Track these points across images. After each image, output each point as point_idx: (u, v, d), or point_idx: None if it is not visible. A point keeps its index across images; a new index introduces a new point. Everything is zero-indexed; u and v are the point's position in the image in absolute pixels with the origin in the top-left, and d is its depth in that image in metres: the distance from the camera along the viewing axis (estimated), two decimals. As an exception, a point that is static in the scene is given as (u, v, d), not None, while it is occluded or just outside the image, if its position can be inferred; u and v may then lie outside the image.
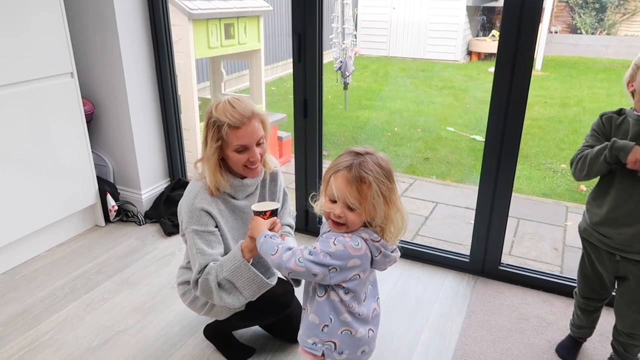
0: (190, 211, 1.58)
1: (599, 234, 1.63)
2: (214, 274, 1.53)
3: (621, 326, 1.70)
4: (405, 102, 6.89)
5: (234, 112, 1.51)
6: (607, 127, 1.56)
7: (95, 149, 2.95)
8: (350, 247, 1.24)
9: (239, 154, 1.55)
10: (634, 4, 10.94)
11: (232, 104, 1.52)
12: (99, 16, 2.62)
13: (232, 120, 1.50)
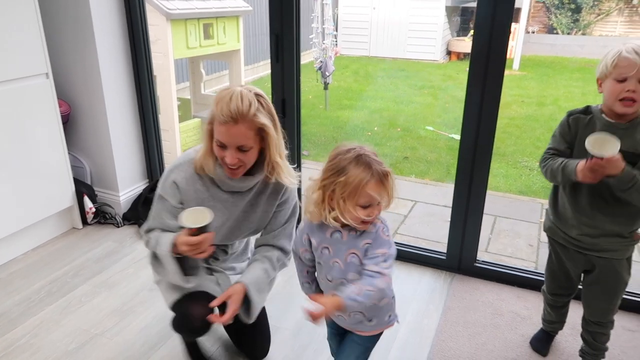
0: (165, 179, 1.61)
1: (562, 232, 1.67)
2: (153, 243, 1.58)
3: (590, 316, 1.75)
4: (385, 102, 6.95)
5: (225, 108, 1.43)
6: (573, 130, 1.56)
7: (71, 150, 2.92)
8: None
9: (219, 148, 1.50)
10: (608, 4, 11.20)
11: (232, 98, 1.43)
12: (75, 16, 2.59)
13: (219, 115, 1.44)
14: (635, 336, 2.03)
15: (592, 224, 1.57)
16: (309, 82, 7.45)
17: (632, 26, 11.20)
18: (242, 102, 1.43)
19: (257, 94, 1.48)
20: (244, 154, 1.49)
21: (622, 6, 11.11)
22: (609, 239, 1.59)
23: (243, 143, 1.46)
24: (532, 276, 2.35)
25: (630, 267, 1.66)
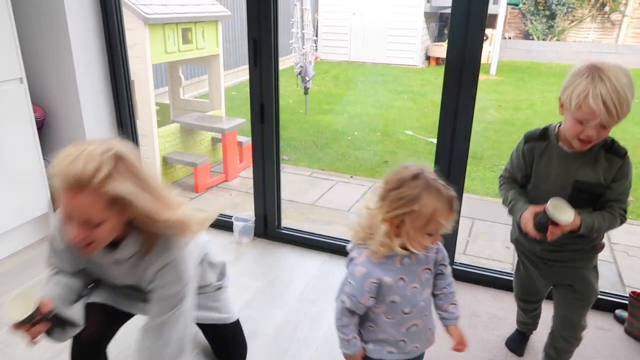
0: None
1: (528, 244, 1.65)
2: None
3: (561, 329, 1.73)
4: (365, 106, 7.00)
5: (64, 171, 1.13)
6: (529, 160, 1.52)
7: (47, 156, 2.87)
8: None
9: (65, 217, 1.23)
10: (581, 11, 11.48)
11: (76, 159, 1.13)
12: (50, 20, 2.56)
13: (58, 178, 1.14)
14: (607, 335, 2.09)
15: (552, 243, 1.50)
16: (290, 86, 7.47)
17: (605, 32, 11.51)
18: (86, 167, 1.11)
19: (117, 154, 1.18)
20: (94, 230, 1.19)
21: (595, 13, 11.41)
22: (572, 253, 1.57)
23: (88, 216, 1.16)
24: (509, 278, 2.38)
25: (598, 276, 1.64)
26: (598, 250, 1.60)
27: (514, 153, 1.57)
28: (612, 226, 1.45)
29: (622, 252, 3.00)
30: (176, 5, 3.58)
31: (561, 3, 11.24)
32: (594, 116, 1.30)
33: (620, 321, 2.14)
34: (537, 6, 11.46)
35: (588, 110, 1.29)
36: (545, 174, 1.49)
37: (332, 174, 4.40)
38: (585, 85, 1.29)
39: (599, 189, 1.44)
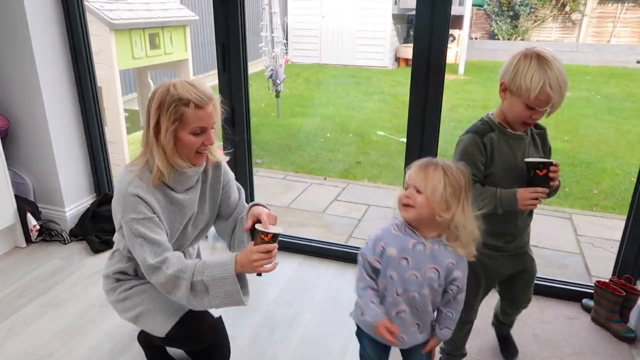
0: (125, 199, 1.47)
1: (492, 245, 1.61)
2: (190, 274, 1.44)
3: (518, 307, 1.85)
4: (337, 108, 7.04)
5: (198, 90, 1.44)
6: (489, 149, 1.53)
7: (12, 166, 2.80)
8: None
9: (195, 136, 1.47)
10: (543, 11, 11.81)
11: (192, 83, 1.46)
12: (10, 28, 2.50)
13: (197, 99, 1.43)
14: (574, 323, 2.15)
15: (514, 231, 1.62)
16: (261, 90, 7.45)
17: (566, 32, 11.86)
18: (200, 83, 1.48)
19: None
20: (213, 133, 1.52)
21: (556, 13, 11.75)
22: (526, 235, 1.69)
23: (215, 120, 1.51)
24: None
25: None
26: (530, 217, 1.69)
27: (470, 150, 1.52)
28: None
29: (588, 243, 3.11)
30: (142, 10, 3.53)
31: (524, 4, 11.53)
32: (548, 102, 1.40)
33: (587, 310, 2.22)
34: (501, 7, 11.74)
35: (545, 98, 1.39)
36: (510, 159, 1.53)
37: (306, 176, 4.41)
38: (539, 74, 1.38)
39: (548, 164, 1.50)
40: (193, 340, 1.67)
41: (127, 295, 1.66)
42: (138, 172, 1.52)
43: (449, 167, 1.30)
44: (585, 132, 5.84)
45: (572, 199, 3.94)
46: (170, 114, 1.43)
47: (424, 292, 1.35)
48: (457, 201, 1.29)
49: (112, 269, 1.70)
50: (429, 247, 1.32)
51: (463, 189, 1.30)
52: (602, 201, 3.93)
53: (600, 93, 7.86)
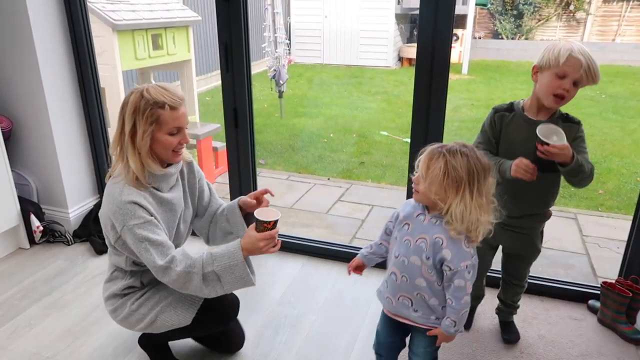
0: (121, 208, 1.51)
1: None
2: (199, 267, 1.53)
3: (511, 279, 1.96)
4: (340, 108, 7.03)
5: (170, 94, 1.52)
6: (498, 127, 1.69)
7: (15, 167, 2.80)
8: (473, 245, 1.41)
9: (172, 136, 1.55)
10: (547, 10, 11.76)
11: (164, 87, 1.53)
12: (13, 29, 2.50)
13: (171, 101, 1.51)
14: (580, 324, 2.14)
15: (514, 208, 1.67)
16: (264, 90, 7.45)
17: (570, 30, 11.82)
18: (170, 86, 1.57)
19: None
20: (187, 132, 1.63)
21: (560, 12, 11.70)
22: (530, 218, 1.76)
23: (187, 120, 1.61)
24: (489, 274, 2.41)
25: (542, 237, 1.86)
26: (547, 217, 1.80)
27: (485, 123, 1.73)
28: (587, 173, 1.56)
29: (594, 244, 3.08)
30: (145, 11, 3.53)
31: (528, 3, 11.49)
32: (577, 68, 1.48)
33: (594, 311, 2.20)
34: (505, 6, 11.70)
35: (573, 62, 1.48)
36: (512, 139, 1.65)
37: (309, 176, 4.40)
38: (566, 46, 1.51)
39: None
40: (219, 319, 1.78)
41: (140, 303, 1.70)
42: (124, 180, 1.56)
43: (453, 157, 1.33)
44: (590, 131, 5.80)
45: (578, 199, 3.91)
46: (146, 117, 1.50)
47: (412, 260, 1.42)
48: (456, 192, 1.33)
49: (117, 287, 1.72)
50: (427, 219, 1.41)
51: (464, 181, 1.32)
52: (608, 201, 3.90)
53: (605, 92, 7.82)
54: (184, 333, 1.83)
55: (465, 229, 1.35)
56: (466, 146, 1.37)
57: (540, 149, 1.50)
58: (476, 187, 1.33)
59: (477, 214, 1.33)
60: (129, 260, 1.67)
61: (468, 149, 1.35)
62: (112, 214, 1.54)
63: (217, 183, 4.03)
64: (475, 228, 1.35)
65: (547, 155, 1.50)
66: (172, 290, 1.70)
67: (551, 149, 1.48)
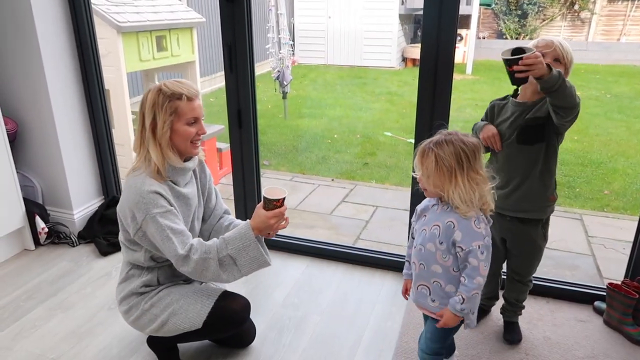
0: (144, 197, 1.57)
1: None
2: (215, 252, 1.58)
3: (513, 274, 1.97)
4: (344, 109, 7.02)
5: (186, 86, 1.61)
6: (491, 113, 1.86)
7: (20, 169, 2.81)
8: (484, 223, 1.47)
9: (190, 126, 1.62)
10: (552, 10, 11.71)
11: (179, 80, 1.62)
12: (18, 32, 2.51)
13: (188, 92, 1.59)
14: (586, 326, 2.12)
15: (509, 185, 1.80)
16: (268, 91, 7.45)
17: (575, 30, 11.76)
18: (189, 82, 1.65)
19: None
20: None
21: (565, 12, 11.65)
22: (527, 198, 1.79)
23: (204, 113, 1.68)
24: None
25: (545, 234, 1.88)
26: (551, 202, 1.83)
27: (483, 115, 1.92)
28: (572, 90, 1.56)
29: (599, 244, 3.07)
30: (149, 13, 3.54)
31: (532, 2, 11.44)
32: (549, 45, 1.67)
33: (599, 312, 2.18)
34: (509, 6, 11.66)
35: (543, 43, 1.68)
36: (504, 119, 1.80)
37: (313, 177, 4.40)
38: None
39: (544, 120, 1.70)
40: (230, 322, 1.80)
41: (153, 302, 1.73)
42: (145, 172, 1.62)
43: (441, 149, 1.42)
44: (595, 131, 5.78)
45: (583, 200, 3.89)
46: (165, 108, 1.58)
47: (428, 247, 1.50)
48: (449, 180, 1.41)
49: (134, 286, 1.75)
50: (440, 207, 1.50)
51: (454, 168, 1.40)
52: (613, 202, 3.88)
53: (610, 92, 7.78)
54: (197, 336, 1.85)
55: (474, 207, 1.42)
56: (450, 133, 1.45)
57: (516, 68, 1.54)
58: (466, 168, 1.41)
59: (475, 190, 1.42)
60: (147, 255, 1.70)
61: (452, 135, 1.43)
62: (134, 204, 1.58)
63: (221, 184, 4.03)
64: (482, 202, 1.44)
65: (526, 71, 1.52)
66: (184, 292, 1.75)
67: (526, 61, 1.51)
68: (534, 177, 1.78)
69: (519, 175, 1.79)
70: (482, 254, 1.42)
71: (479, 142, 1.45)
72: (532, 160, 1.77)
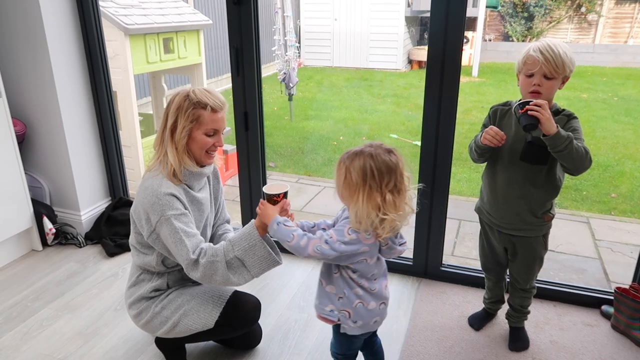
0: (160, 199, 1.58)
1: (487, 213, 1.89)
2: (222, 255, 1.57)
3: (514, 282, 1.96)
4: (349, 111, 7.02)
5: (214, 97, 1.62)
6: (493, 119, 1.81)
7: (29, 170, 2.83)
8: (362, 237, 1.40)
9: (208, 137, 1.63)
10: (559, 12, 11.67)
11: (208, 90, 1.64)
12: (28, 34, 2.53)
13: (213, 103, 1.60)
14: (593, 330, 2.11)
15: (505, 204, 1.79)
16: (274, 93, 7.47)
17: (582, 33, 11.71)
18: (217, 93, 1.66)
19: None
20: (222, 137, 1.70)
21: (572, 14, 11.61)
22: (524, 218, 1.78)
23: (225, 125, 1.68)
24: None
25: (546, 243, 1.87)
26: (547, 221, 1.80)
27: (485, 119, 1.85)
28: (582, 155, 1.57)
29: (607, 248, 3.05)
30: (157, 15, 3.56)
31: (539, 5, 11.41)
32: (536, 64, 1.59)
33: (607, 317, 2.17)
34: (516, 8, 11.63)
35: (531, 60, 1.60)
36: (506, 131, 1.71)
37: (319, 179, 4.40)
38: (530, 45, 1.64)
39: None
40: (241, 322, 1.80)
41: (163, 305, 1.74)
42: (161, 174, 1.63)
43: (351, 162, 1.38)
44: (602, 134, 5.75)
45: (590, 203, 3.87)
46: (188, 115, 1.59)
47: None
48: (350, 195, 1.40)
49: (144, 290, 1.76)
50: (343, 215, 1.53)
51: (358, 184, 1.37)
52: (621, 205, 3.86)
53: (617, 95, 7.74)
54: (207, 337, 1.85)
55: (369, 227, 1.37)
56: (372, 145, 1.40)
57: (528, 107, 1.54)
58: (370, 186, 1.36)
59: (373, 215, 1.36)
60: (159, 259, 1.70)
61: (372, 148, 1.38)
62: (149, 206, 1.59)
63: (227, 185, 4.04)
64: (371, 224, 1.37)
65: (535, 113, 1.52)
66: (195, 293, 1.76)
67: (539, 102, 1.52)
68: (529, 198, 1.75)
69: (515, 193, 1.76)
70: (326, 243, 1.40)
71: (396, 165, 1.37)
72: (530, 180, 1.73)
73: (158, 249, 1.67)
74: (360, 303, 1.48)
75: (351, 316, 1.49)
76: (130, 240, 1.77)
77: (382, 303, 1.53)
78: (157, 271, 1.75)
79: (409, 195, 1.43)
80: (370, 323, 1.52)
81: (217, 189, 1.91)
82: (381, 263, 1.53)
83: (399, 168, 1.38)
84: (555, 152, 1.57)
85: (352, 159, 1.38)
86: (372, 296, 1.50)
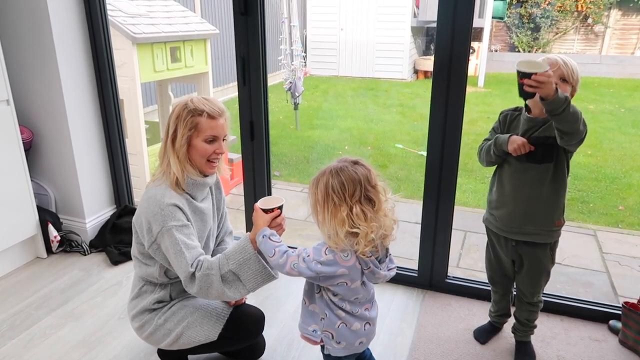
0: (163, 210, 1.57)
1: (493, 218, 1.89)
2: (217, 268, 1.55)
3: (521, 295, 1.95)
4: (355, 121, 7.03)
5: (211, 104, 1.63)
6: (503, 123, 1.84)
7: (35, 177, 2.84)
8: (340, 258, 1.35)
9: (208, 144, 1.63)
10: (565, 23, 11.68)
11: (206, 98, 1.65)
12: (36, 42, 2.55)
13: (210, 110, 1.61)
14: (601, 346, 2.08)
15: (516, 206, 1.79)
16: (279, 102, 7.49)
17: (588, 44, 11.71)
18: (213, 99, 1.66)
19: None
20: (224, 145, 1.68)
21: (578, 25, 11.61)
22: (534, 220, 1.77)
23: (226, 132, 1.67)
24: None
25: (553, 257, 1.86)
26: (558, 226, 1.79)
27: (495, 124, 1.88)
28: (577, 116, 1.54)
29: (614, 261, 3.02)
30: (164, 25, 3.58)
31: (545, 16, 11.43)
32: (555, 65, 1.64)
33: (615, 332, 2.14)
34: (522, 19, 11.65)
35: (549, 62, 1.64)
36: (515, 132, 1.77)
37: (324, 189, 4.39)
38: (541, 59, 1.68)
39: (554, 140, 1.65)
40: (244, 334, 1.79)
41: (167, 317, 1.72)
42: (165, 184, 1.63)
43: (317, 185, 1.37)
44: (609, 146, 5.72)
45: (597, 215, 3.84)
46: (186, 122, 1.60)
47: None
48: (316, 213, 1.39)
49: (147, 302, 1.75)
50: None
51: (321, 202, 1.35)
52: (628, 217, 3.82)
53: (624, 106, 7.71)
54: (210, 349, 1.84)
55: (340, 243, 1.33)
56: (338, 161, 1.38)
57: (527, 82, 1.51)
58: (333, 201, 1.33)
59: (337, 228, 1.32)
60: (161, 270, 1.69)
61: (337, 163, 1.37)
62: (152, 215, 1.58)
63: (231, 194, 4.04)
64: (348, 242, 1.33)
65: (535, 87, 1.50)
66: (198, 305, 1.75)
67: (538, 78, 1.49)
68: (540, 199, 1.74)
69: (524, 195, 1.76)
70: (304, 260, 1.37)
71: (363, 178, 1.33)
72: (538, 180, 1.73)
73: (159, 260, 1.66)
74: (343, 324, 1.44)
75: (334, 337, 1.45)
76: (133, 251, 1.76)
77: (367, 323, 1.48)
78: (159, 282, 1.74)
79: (389, 205, 1.38)
80: (355, 344, 1.47)
81: (220, 199, 1.91)
82: (367, 288, 1.46)
83: (367, 178, 1.34)
84: (554, 116, 1.54)
85: (318, 179, 1.38)
86: (355, 318, 1.45)
